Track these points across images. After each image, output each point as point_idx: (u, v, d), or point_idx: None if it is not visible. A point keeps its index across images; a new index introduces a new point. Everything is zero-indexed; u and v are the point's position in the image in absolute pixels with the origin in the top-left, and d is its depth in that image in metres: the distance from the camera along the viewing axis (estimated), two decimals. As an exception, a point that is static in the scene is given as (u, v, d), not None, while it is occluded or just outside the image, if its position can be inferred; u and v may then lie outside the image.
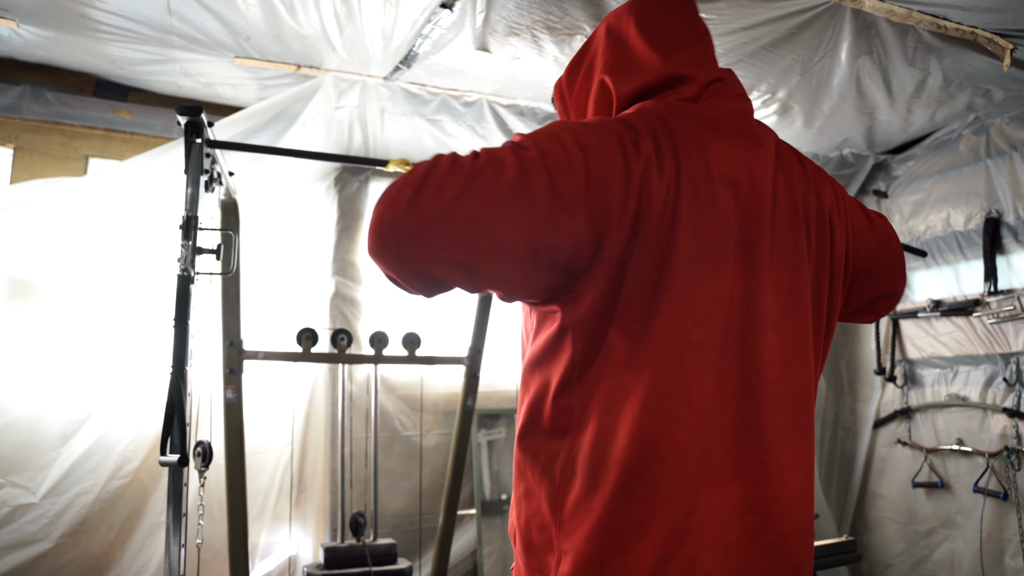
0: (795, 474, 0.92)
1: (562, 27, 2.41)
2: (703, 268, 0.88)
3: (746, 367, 0.90)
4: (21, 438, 2.37)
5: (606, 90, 1.06)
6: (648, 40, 1.04)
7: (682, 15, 1.10)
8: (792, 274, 0.96)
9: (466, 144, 3.18)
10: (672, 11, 1.09)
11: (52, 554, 2.35)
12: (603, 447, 0.86)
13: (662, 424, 0.85)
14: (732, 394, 0.89)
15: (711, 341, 0.88)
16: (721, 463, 0.87)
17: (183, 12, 2.30)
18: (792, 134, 3.42)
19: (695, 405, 0.86)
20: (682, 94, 1.00)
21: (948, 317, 3.36)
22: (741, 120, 1.00)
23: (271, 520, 2.80)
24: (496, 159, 0.82)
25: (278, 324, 2.81)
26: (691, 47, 1.06)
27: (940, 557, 3.34)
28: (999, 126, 3.22)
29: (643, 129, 0.90)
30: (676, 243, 0.87)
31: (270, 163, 2.77)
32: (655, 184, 0.87)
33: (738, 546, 0.86)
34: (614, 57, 1.06)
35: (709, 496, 0.85)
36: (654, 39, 1.04)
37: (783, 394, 0.92)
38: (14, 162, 2.74)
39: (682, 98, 0.99)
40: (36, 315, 2.44)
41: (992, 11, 2.30)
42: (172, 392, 1.68)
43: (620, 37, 1.07)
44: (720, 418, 0.88)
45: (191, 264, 1.78)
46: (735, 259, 0.91)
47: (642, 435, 0.84)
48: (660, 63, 1.02)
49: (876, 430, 3.73)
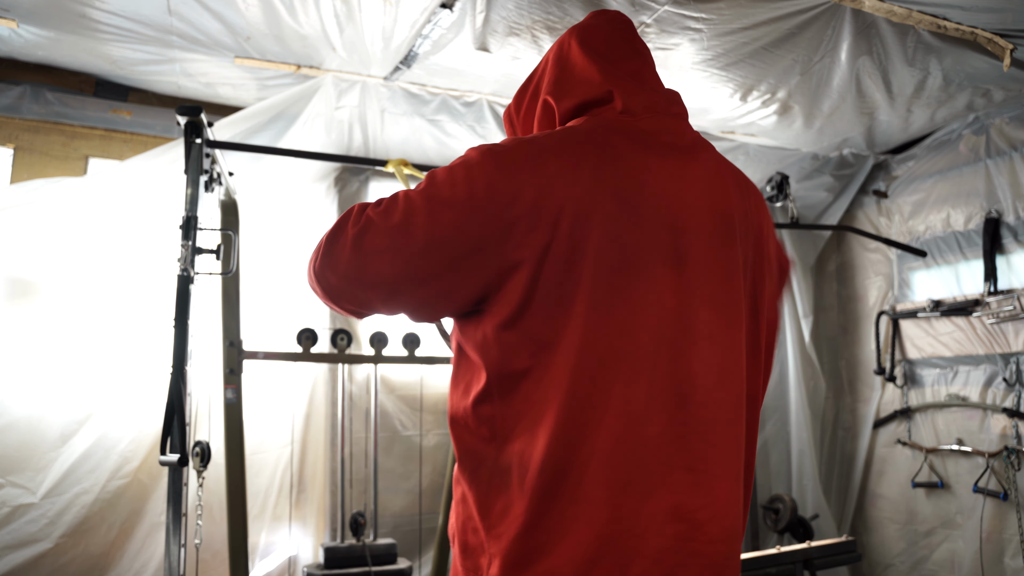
0: (724, 483, 0.94)
1: (562, 27, 2.41)
2: (625, 278, 0.90)
3: (679, 376, 0.91)
4: (21, 438, 2.37)
5: (549, 109, 1.10)
6: (589, 56, 1.08)
7: (623, 34, 1.13)
8: (726, 285, 0.97)
9: (466, 144, 3.18)
10: (613, 31, 1.13)
11: (52, 554, 2.35)
12: (525, 454, 0.88)
13: (583, 431, 0.87)
14: (664, 403, 0.90)
15: (642, 350, 0.89)
16: (653, 471, 0.88)
17: (183, 12, 2.30)
18: (792, 134, 3.42)
19: (622, 413, 0.88)
20: (619, 108, 1.02)
21: (948, 317, 3.36)
22: (677, 136, 1.02)
23: (271, 520, 2.80)
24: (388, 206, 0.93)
25: (278, 324, 2.81)
26: (631, 62, 1.09)
27: (940, 557, 3.34)
28: (999, 126, 3.22)
29: (558, 145, 0.93)
30: (591, 254, 0.89)
31: (270, 163, 2.77)
32: (565, 197, 0.89)
33: (668, 553, 0.88)
34: (557, 77, 1.10)
35: (640, 503, 0.87)
36: (595, 55, 1.08)
37: (716, 403, 0.94)
38: (14, 162, 2.74)
39: (620, 111, 1.02)
40: (36, 315, 2.44)
41: (992, 11, 2.30)
42: (172, 392, 1.69)
43: (564, 57, 1.11)
44: (652, 427, 0.89)
45: (191, 264, 1.79)
46: (665, 270, 0.92)
47: (561, 442, 0.87)
48: (600, 78, 1.05)
49: (876, 430, 3.73)
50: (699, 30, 2.42)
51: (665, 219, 0.93)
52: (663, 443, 0.89)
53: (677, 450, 0.90)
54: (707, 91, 2.92)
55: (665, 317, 0.91)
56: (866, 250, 3.91)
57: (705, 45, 2.53)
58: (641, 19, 2.36)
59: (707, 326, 0.94)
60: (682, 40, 2.50)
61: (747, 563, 2.17)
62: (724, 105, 3.07)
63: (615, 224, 0.90)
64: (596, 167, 0.92)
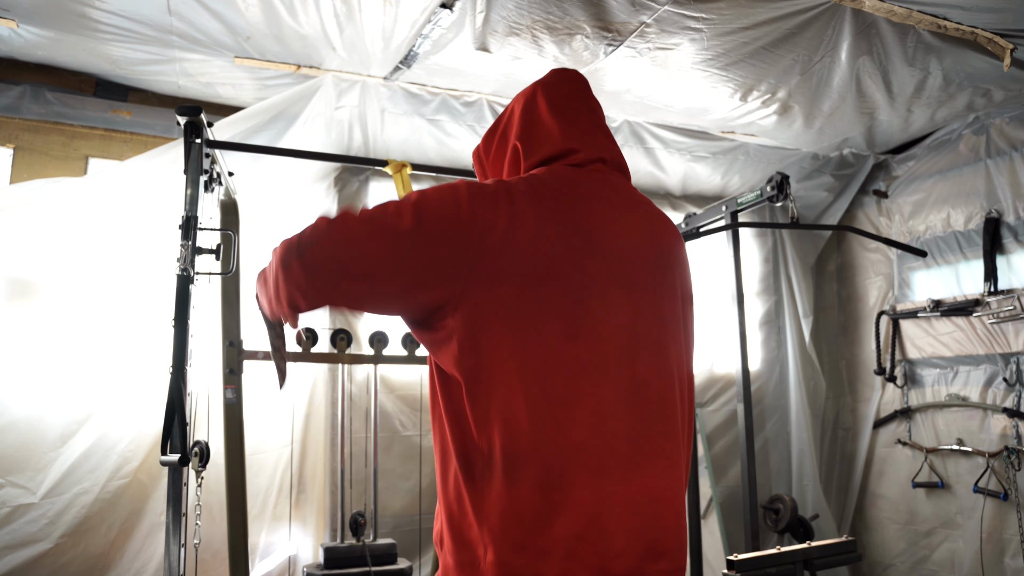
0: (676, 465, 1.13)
1: (562, 27, 2.41)
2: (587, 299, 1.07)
3: (636, 380, 1.08)
4: (21, 438, 2.37)
5: (517, 154, 1.27)
6: (553, 115, 1.27)
7: (580, 94, 1.33)
8: (665, 305, 1.18)
9: (466, 144, 3.18)
10: (572, 90, 1.33)
11: (52, 554, 2.35)
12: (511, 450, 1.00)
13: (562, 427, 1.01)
14: (626, 401, 1.07)
15: (607, 359, 1.06)
16: (624, 458, 1.04)
17: (183, 12, 2.30)
18: (792, 134, 3.42)
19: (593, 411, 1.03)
20: (573, 161, 1.22)
21: (948, 317, 3.36)
22: (620, 187, 1.24)
23: (271, 520, 2.80)
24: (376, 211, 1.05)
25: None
26: (586, 120, 1.29)
27: (940, 557, 3.34)
28: (999, 126, 3.22)
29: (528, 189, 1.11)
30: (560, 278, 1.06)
31: (270, 163, 2.77)
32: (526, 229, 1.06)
33: (645, 530, 1.04)
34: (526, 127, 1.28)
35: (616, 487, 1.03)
36: (558, 114, 1.27)
37: (663, 400, 1.12)
38: (14, 162, 2.74)
39: (572, 164, 1.22)
40: (36, 315, 2.44)
41: (992, 11, 2.30)
42: (172, 392, 1.69)
43: (532, 110, 1.29)
44: (619, 421, 1.05)
45: (191, 264, 1.79)
46: (619, 294, 1.11)
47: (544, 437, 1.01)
48: (561, 136, 1.24)
49: (876, 430, 3.73)
50: (699, 30, 2.42)
51: (617, 252, 1.13)
52: (631, 434, 1.06)
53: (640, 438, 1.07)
54: (707, 91, 2.92)
55: (621, 331, 1.09)
56: (866, 250, 3.91)
57: (705, 45, 2.53)
58: (641, 19, 2.36)
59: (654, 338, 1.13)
60: (682, 40, 2.50)
61: (747, 563, 2.17)
62: (724, 105, 3.07)
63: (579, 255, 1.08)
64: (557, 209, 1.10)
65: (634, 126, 3.34)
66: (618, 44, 2.53)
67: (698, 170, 3.70)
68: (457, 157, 3.27)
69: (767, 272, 4.10)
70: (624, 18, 2.36)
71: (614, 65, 2.69)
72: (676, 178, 3.76)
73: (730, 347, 3.28)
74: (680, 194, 3.94)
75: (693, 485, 3.28)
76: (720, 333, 3.72)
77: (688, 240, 3.27)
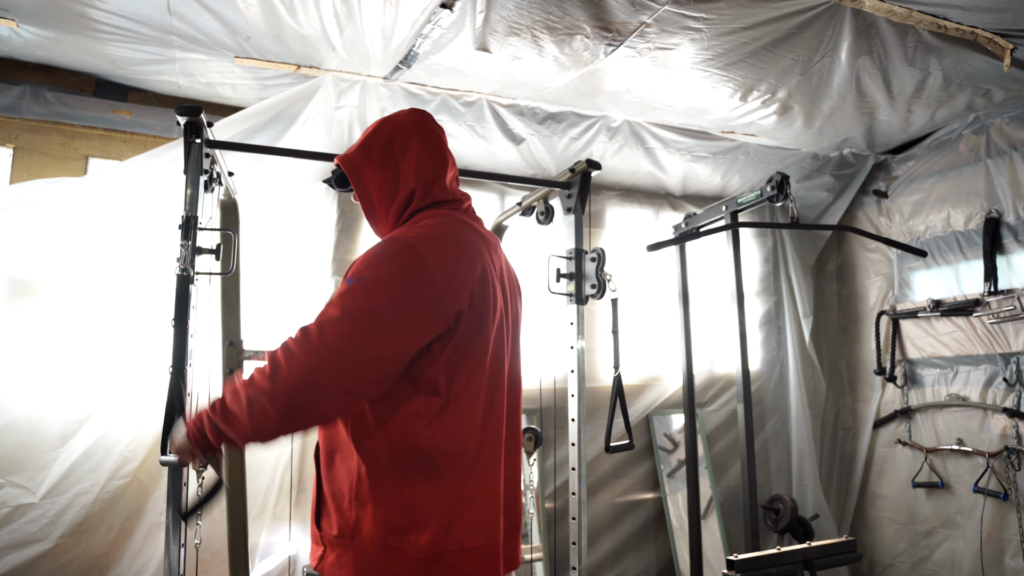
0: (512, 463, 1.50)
1: (562, 27, 2.41)
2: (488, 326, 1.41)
3: (499, 391, 1.43)
4: (21, 438, 2.37)
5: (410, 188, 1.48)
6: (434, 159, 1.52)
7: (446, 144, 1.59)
8: (516, 327, 1.56)
9: (466, 144, 3.18)
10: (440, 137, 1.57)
11: (52, 554, 2.35)
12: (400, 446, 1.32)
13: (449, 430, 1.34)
14: (503, 409, 1.44)
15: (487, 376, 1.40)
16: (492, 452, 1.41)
17: (183, 12, 2.30)
18: (792, 134, 3.42)
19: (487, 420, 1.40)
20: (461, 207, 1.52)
21: (948, 317, 3.36)
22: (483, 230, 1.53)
23: (271, 520, 2.80)
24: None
25: (278, 324, 2.80)
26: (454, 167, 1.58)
27: (940, 557, 3.34)
28: (999, 126, 3.23)
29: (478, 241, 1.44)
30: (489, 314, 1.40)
31: (270, 163, 2.77)
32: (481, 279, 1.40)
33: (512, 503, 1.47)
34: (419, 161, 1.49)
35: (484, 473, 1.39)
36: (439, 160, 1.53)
37: (516, 406, 1.52)
38: (14, 162, 2.74)
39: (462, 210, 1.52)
40: (36, 315, 2.44)
41: (992, 11, 2.30)
42: (172, 392, 1.69)
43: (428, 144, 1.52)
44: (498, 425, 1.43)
45: (191, 264, 1.79)
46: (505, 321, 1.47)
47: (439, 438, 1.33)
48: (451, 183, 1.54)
49: (876, 430, 3.73)
50: (699, 30, 2.42)
51: (499, 285, 1.47)
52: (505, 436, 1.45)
53: (509, 438, 1.47)
54: (707, 91, 2.92)
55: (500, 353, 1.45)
56: (866, 250, 3.91)
57: (705, 45, 2.53)
58: (641, 19, 2.36)
59: (511, 355, 1.51)
60: (682, 40, 2.50)
61: (747, 563, 2.17)
62: (724, 105, 3.07)
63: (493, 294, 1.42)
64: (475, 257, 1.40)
65: (634, 126, 3.34)
66: (618, 44, 2.53)
67: (698, 170, 3.70)
68: (457, 157, 3.25)
69: (767, 272, 4.10)
70: (624, 18, 2.36)
71: (614, 65, 2.69)
72: (676, 178, 3.76)
73: (730, 347, 3.28)
74: (680, 194, 3.94)
75: (693, 485, 3.28)
76: (720, 333, 3.72)
77: (688, 240, 3.28)
